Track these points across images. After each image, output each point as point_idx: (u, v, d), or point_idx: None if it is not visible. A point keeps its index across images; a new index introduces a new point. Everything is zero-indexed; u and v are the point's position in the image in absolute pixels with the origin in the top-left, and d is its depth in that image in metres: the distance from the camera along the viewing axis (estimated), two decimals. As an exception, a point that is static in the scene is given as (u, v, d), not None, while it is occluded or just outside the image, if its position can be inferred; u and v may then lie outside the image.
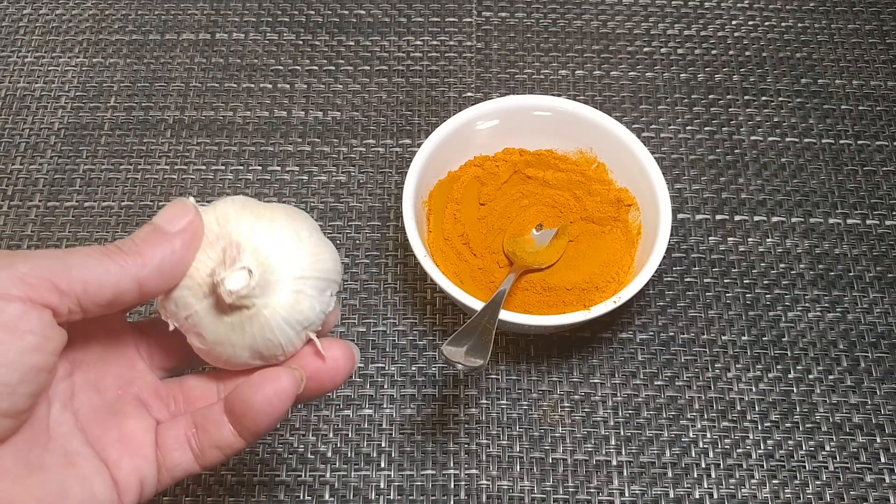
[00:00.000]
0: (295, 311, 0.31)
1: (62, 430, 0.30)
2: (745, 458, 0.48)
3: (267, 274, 0.30)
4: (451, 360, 0.40)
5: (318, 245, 0.32)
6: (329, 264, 0.32)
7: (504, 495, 0.47)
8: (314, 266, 0.32)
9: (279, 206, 0.33)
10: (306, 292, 0.31)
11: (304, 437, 0.49)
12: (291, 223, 0.32)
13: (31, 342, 0.27)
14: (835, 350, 0.51)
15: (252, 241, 0.31)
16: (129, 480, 0.31)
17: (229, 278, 0.30)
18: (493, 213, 0.53)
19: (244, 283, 0.30)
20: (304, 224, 0.33)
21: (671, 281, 0.54)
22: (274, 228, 0.31)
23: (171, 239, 0.30)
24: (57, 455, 0.29)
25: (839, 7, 0.66)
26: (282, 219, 0.32)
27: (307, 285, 0.31)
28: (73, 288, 0.28)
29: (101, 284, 0.28)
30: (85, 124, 0.59)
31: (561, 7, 0.65)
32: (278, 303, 0.31)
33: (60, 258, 0.28)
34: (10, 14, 0.65)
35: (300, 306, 0.31)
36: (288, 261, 0.31)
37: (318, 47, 0.63)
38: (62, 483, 0.29)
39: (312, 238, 0.32)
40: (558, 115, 0.53)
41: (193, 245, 0.30)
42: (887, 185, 0.57)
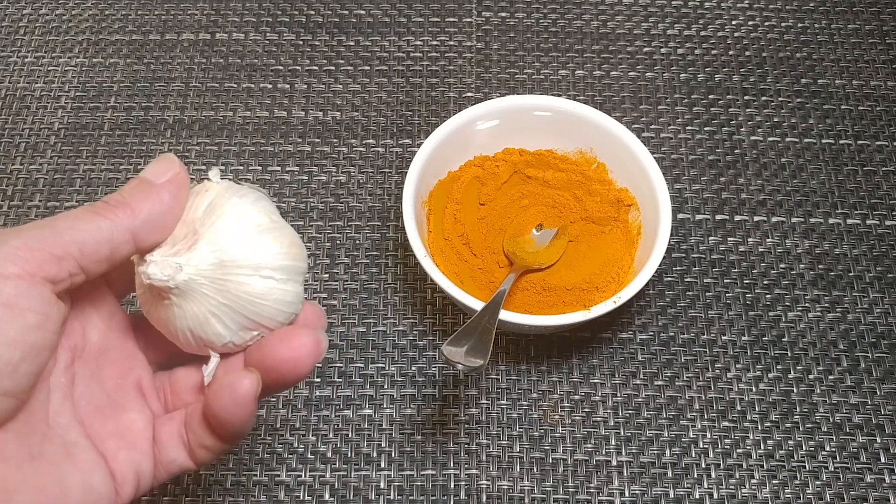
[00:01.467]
0: (235, 304, 0.31)
1: (61, 420, 0.30)
2: (745, 458, 0.48)
3: (210, 265, 0.30)
4: (451, 360, 0.40)
5: (276, 236, 0.32)
6: (290, 254, 0.32)
7: (504, 495, 0.47)
8: (271, 258, 0.31)
9: (248, 193, 0.32)
10: (248, 283, 0.31)
11: (304, 437, 0.49)
12: (256, 214, 0.32)
13: (31, 320, 0.27)
14: (835, 350, 0.51)
15: (212, 232, 0.31)
16: (126, 473, 0.31)
17: (151, 266, 0.29)
18: (493, 213, 0.53)
19: (163, 275, 0.29)
20: (267, 214, 0.32)
21: (671, 281, 0.54)
22: (237, 221, 0.31)
23: (158, 190, 0.30)
24: (56, 445, 0.29)
25: (839, 7, 0.66)
26: (248, 208, 0.32)
27: (250, 275, 0.31)
28: (68, 251, 0.28)
29: (96, 241, 0.28)
30: (85, 124, 0.59)
31: (561, 7, 0.65)
32: (201, 300, 0.31)
33: (49, 226, 0.28)
34: (10, 14, 0.65)
35: (238, 300, 0.31)
36: (243, 252, 0.31)
37: (318, 47, 0.63)
38: (61, 473, 0.29)
39: (272, 231, 0.32)
40: (558, 115, 0.53)
41: (181, 195, 0.30)
42: (887, 185, 0.57)
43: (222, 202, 0.31)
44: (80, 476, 0.29)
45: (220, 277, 0.30)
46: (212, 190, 0.32)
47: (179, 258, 0.30)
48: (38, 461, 0.28)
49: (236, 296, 0.31)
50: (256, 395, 0.30)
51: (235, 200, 0.31)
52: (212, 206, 0.31)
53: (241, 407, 0.30)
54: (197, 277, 0.30)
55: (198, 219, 0.31)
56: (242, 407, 0.30)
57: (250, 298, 0.31)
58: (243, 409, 0.30)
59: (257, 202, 0.32)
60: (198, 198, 0.31)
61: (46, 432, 0.29)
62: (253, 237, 0.31)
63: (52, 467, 0.28)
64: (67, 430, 0.30)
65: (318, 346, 0.31)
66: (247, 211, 0.31)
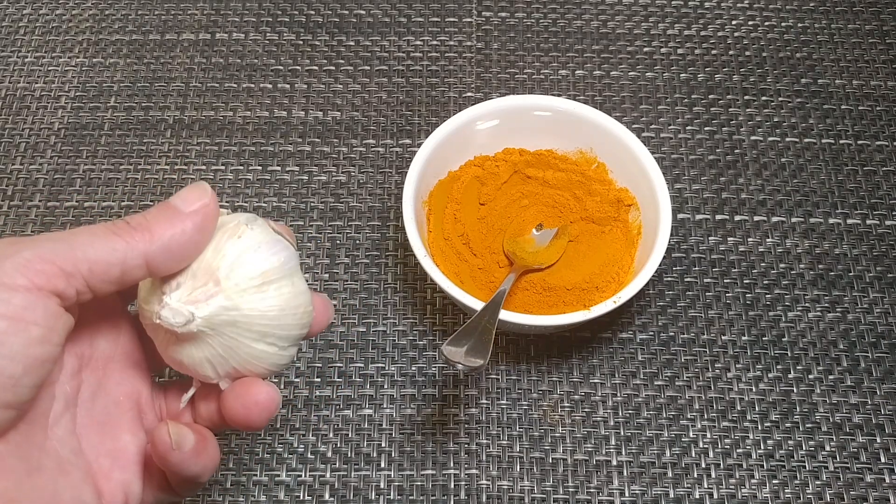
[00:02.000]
0: (230, 356, 0.31)
1: (58, 431, 0.30)
2: (745, 458, 0.48)
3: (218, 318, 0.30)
4: (452, 360, 0.40)
5: (292, 299, 0.32)
6: (291, 321, 0.32)
7: (504, 495, 0.47)
8: (275, 320, 0.31)
9: (280, 251, 0.32)
10: (247, 344, 0.31)
11: (304, 437, 0.49)
12: (282, 279, 0.31)
13: (35, 334, 0.26)
14: (835, 350, 0.51)
15: (231, 280, 0.30)
16: (116, 493, 0.31)
17: (165, 309, 0.29)
18: (493, 213, 0.53)
19: (174, 321, 0.29)
20: (292, 279, 0.32)
21: (671, 281, 0.54)
22: (261, 283, 0.31)
23: (183, 219, 0.29)
24: (51, 459, 0.29)
25: (839, 7, 0.66)
26: (276, 272, 0.31)
27: (252, 337, 0.31)
28: (78, 269, 0.27)
29: (108, 263, 0.28)
30: (85, 124, 0.59)
31: (561, 7, 0.65)
32: (211, 347, 0.31)
33: (65, 240, 0.28)
34: (10, 14, 0.65)
35: (238, 353, 0.31)
36: (258, 318, 0.31)
37: (318, 47, 0.63)
38: (56, 487, 0.28)
39: (293, 299, 0.32)
40: (558, 115, 0.53)
41: (206, 228, 0.30)
42: (887, 185, 0.57)
43: (252, 258, 0.31)
44: (73, 493, 0.29)
45: (229, 335, 0.30)
46: (245, 238, 0.31)
47: (195, 308, 0.29)
48: (36, 475, 0.28)
49: (236, 353, 0.31)
50: (171, 446, 0.30)
51: (265, 258, 0.31)
52: (240, 260, 0.30)
53: (161, 457, 0.30)
54: (206, 330, 0.30)
55: (222, 267, 0.30)
56: (162, 457, 0.30)
57: (248, 358, 0.31)
58: (164, 460, 0.30)
59: (287, 263, 0.32)
60: (227, 241, 0.31)
61: (44, 443, 0.29)
62: (272, 303, 0.31)
63: (48, 481, 0.28)
64: (62, 443, 0.30)
65: (271, 403, 0.31)
66: (274, 275, 0.31)
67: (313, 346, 0.51)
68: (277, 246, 0.31)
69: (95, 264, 0.28)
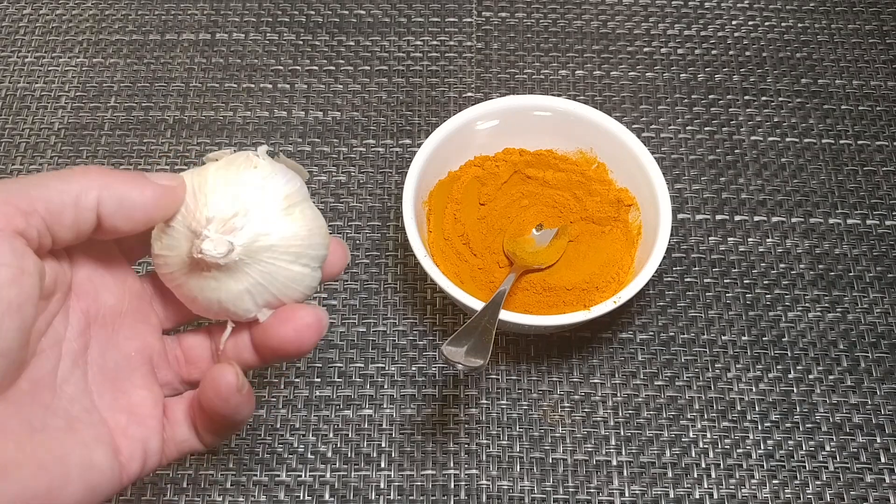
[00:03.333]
0: (270, 281, 0.32)
1: (68, 390, 0.29)
2: (745, 458, 0.48)
3: (255, 243, 0.31)
4: (452, 360, 0.40)
5: (313, 220, 0.33)
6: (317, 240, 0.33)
7: (504, 495, 0.47)
8: (305, 241, 0.32)
9: (293, 178, 0.33)
10: (286, 266, 0.32)
11: (304, 437, 0.49)
12: (302, 201, 0.33)
13: (5, 274, 0.26)
14: (835, 350, 0.51)
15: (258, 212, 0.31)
16: (134, 449, 0.30)
17: (206, 242, 0.30)
18: (493, 213, 0.53)
19: (217, 252, 0.30)
20: (310, 202, 0.33)
21: (671, 281, 0.54)
22: (286, 206, 0.32)
23: (146, 184, 0.30)
24: (59, 418, 0.28)
25: (839, 7, 0.66)
26: (295, 194, 0.32)
27: (290, 258, 0.32)
28: (35, 207, 0.27)
29: (63, 203, 0.28)
30: (85, 124, 0.59)
31: (561, 7, 0.65)
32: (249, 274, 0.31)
33: (19, 182, 0.27)
34: (10, 14, 0.65)
35: (276, 277, 0.32)
36: (289, 239, 0.32)
37: (318, 47, 0.63)
38: (63, 449, 0.28)
39: (313, 220, 0.33)
40: (558, 115, 0.53)
41: (164, 205, 0.30)
42: (887, 185, 0.57)
43: (273, 184, 0.32)
44: (81, 452, 0.28)
45: (266, 260, 0.31)
46: (261, 168, 0.32)
47: (233, 237, 0.30)
48: (40, 436, 0.27)
49: (275, 279, 0.31)
50: (237, 387, 0.30)
51: (285, 182, 0.32)
52: (264, 187, 0.31)
53: (224, 400, 0.30)
54: (245, 258, 0.30)
55: (247, 195, 0.31)
56: (226, 400, 0.30)
57: (286, 283, 0.32)
58: (227, 402, 0.30)
59: (303, 187, 0.33)
60: (245, 171, 0.32)
61: (50, 403, 0.28)
62: (300, 223, 0.32)
63: (53, 443, 0.28)
64: (73, 402, 0.29)
65: (320, 323, 0.32)
66: (296, 198, 0.32)
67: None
68: (289, 173, 0.33)
69: (50, 203, 0.27)
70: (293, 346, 0.32)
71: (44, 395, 0.28)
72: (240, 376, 0.30)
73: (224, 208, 0.31)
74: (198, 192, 0.31)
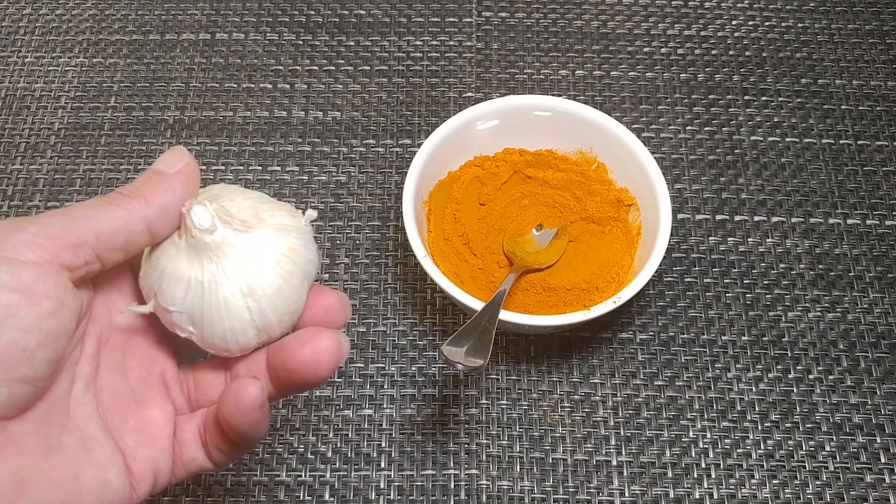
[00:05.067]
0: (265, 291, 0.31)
1: (82, 412, 0.30)
2: (745, 458, 0.48)
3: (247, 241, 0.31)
4: (452, 360, 0.40)
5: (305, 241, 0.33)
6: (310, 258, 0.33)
7: (504, 495, 0.47)
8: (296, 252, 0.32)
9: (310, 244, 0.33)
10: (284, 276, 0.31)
11: (304, 437, 0.49)
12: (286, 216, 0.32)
13: (47, 307, 0.27)
14: (835, 350, 0.51)
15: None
16: (144, 470, 0.30)
17: (195, 210, 0.30)
18: (493, 213, 0.53)
19: (209, 221, 0.30)
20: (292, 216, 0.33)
21: (671, 281, 0.54)
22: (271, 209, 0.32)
23: (170, 180, 0.30)
24: (74, 438, 0.29)
25: (839, 7, 0.66)
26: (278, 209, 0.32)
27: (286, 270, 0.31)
28: (85, 239, 0.28)
29: (112, 230, 0.29)
30: (85, 124, 0.59)
31: (561, 7, 0.65)
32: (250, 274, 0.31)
33: (66, 215, 0.28)
34: (10, 14, 0.65)
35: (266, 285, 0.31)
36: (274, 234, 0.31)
37: (318, 47, 0.63)
38: (78, 467, 0.28)
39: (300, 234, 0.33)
40: (558, 115, 0.53)
41: (191, 185, 0.31)
42: (887, 185, 0.57)
43: (294, 236, 0.32)
44: (96, 471, 0.29)
45: (224, 273, 0.30)
46: (297, 218, 0.32)
47: (221, 224, 0.30)
48: (56, 455, 0.28)
49: (213, 293, 0.30)
50: (260, 403, 0.30)
51: (300, 245, 0.32)
52: (285, 228, 0.32)
53: (244, 414, 0.30)
54: (212, 251, 0.30)
55: (264, 227, 0.31)
56: (246, 414, 0.30)
57: (216, 307, 0.31)
58: (247, 417, 0.30)
59: (311, 267, 0.32)
60: (281, 209, 0.32)
61: (65, 424, 0.29)
62: (272, 279, 0.31)
63: (68, 461, 0.28)
64: (87, 423, 0.30)
65: (340, 348, 0.31)
66: (297, 262, 0.32)
67: (313, 346, 0.51)
68: (314, 251, 0.33)
69: (100, 233, 0.28)
70: (310, 371, 0.31)
71: (59, 415, 0.29)
72: (263, 391, 0.30)
73: (238, 211, 0.31)
74: (226, 192, 0.32)
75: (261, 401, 0.30)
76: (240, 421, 0.30)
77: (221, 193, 0.32)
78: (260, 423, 0.30)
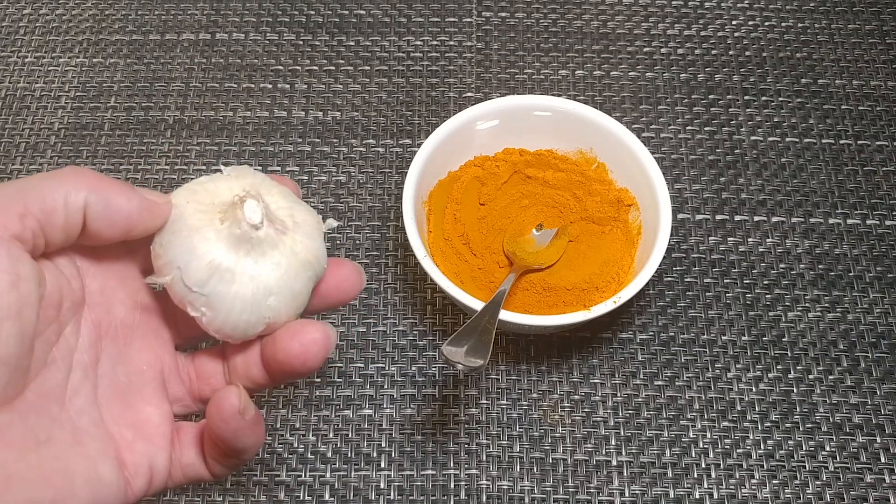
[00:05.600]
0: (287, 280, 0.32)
1: (77, 402, 0.29)
2: (745, 458, 0.48)
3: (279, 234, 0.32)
4: (452, 360, 0.40)
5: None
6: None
7: (504, 495, 0.47)
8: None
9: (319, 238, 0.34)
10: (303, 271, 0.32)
11: (304, 437, 0.49)
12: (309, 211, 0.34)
13: (3, 280, 0.26)
14: (835, 350, 0.51)
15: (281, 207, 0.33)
16: (140, 465, 0.30)
17: (249, 204, 0.31)
18: (493, 213, 0.53)
19: (259, 217, 0.31)
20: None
21: (671, 281, 0.54)
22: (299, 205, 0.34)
23: (134, 193, 0.30)
24: (65, 430, 0.28)
25: (839, 7, 0.66)
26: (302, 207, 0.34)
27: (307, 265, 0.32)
28: (30, 209, 0.27)
29: (55, 203, 0.28)
30: (85, 124, 0.59)
31: (561, 7, 0.65)
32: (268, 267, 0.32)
33: (13, 185, 0.28)
34: (10, 14, 0.65)
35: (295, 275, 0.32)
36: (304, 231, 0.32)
37: (318, 47, 0.63)
38: (68, 461, 0.28)
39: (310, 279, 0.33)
40: (558, 115, 0.53)
41: (147, 214, 0.30)
42: (887, 185, 0.57)
43: (312, 240, 0.33)
44: (87, 465, 0.28)
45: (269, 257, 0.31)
46: (320, 225, 0.34)
47: (265, 225, 0.31)
48: (45, 448, 0.27)
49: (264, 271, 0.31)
50: (238, 409, 0.30)
51: (311, 240, 0.33)
52: (311, 234, 0.33)
53: (225, 421, 0.30)
54: (271, 238, 0.31)
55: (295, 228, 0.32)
56: (226, 421, 0.30)
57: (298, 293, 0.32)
58: (228, 424, 0.30)
59: (311, 273, 0.33)
60: (309, 214, 0.33)
61: (58, 415, 0.28)
62: (282, 271, 0.32)
63: (58, 455, 0.28)
64: (81, 414, 0.29)
65: (328, 339, 0.32)
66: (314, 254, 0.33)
67: (313, 346, 0.51)
68: (323, 254, 0.34)
69: (44, 203, 0.27)
70: (299, 361, 0.31)
71: (51, 406, 0.28)
72: (242, 398, 0.30)
73: (277, 209, 0.32)
74: (265, 185, 0.33)
75: (239, 407, 0.30)
76: (222, 428, 0.30)
77: (262, 185, 0.33)
78: (243, 431, 0.30)
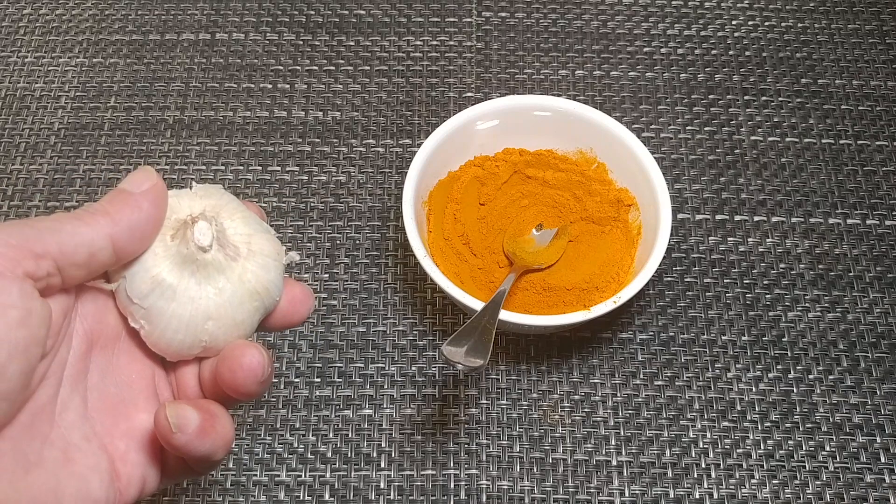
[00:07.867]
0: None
1: (67, 417, 0.29)
2: (745, 458, 0.48)
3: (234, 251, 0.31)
4: (452, 360, 0.40)
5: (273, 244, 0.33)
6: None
7: (504, 495, 0.47)
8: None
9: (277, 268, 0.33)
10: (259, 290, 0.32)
11: (304, 437, 0.49)
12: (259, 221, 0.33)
13: (13, 316, 0.26)
14: (835, 350, 0.51)
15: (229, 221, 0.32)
16: (133, 475, 0.30)
17: (200, 225, 0.30)
18: (493, 213, 0.53)
19: (208, 240, 0.30)
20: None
21: (671, 281, 0.54)
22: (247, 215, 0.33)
23: (137, 199, 0.30)
24: (56, 449, 0.28)
25: (839, 7, 0.66)
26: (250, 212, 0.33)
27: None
28: (48, 250, 0.27)
29: (76, 244, 0.28)
30: (85, 124, 0.59)
31: (561, 7, 0.65)
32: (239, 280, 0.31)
33: (30, 225, 0.28)
34: (10, 14, 0.65)
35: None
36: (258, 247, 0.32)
37: (318, 47, 0.63)
38: (58, 481, 0.28)
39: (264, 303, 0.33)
40: (558, 115, 0.53)
41: (159, 205, 0.30)
42: (887, 185, 0.57)
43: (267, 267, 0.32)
44: (77, 483, 0.28)
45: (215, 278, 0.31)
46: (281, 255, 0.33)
47: (214, 248, 0.31)
48: (35, 471, 0.27)
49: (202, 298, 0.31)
50: (168, 431, 0.29)
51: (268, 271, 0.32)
52: (266, 266, 0.32)
53: (165, 441, 0.29)
54: (216, 262, 0.31)
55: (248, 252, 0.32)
56: (167, 442, 0.29)
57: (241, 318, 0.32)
58: (168, 444, 0.29)
59: (264, 301, 0.33)
60: (264, 240, 0.32)
61: (48, 434, 0.28)
62: (228, 293, 0.31)
63: (48, 476, 0.28)
64: (72, 429, 0.29)
65: (261, 364, 0.31)
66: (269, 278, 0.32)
67: (313, 346, 0.51)
68: (281, 282, 0.33)
69: (63, 245, 0.28)
70: (230, 387, 0.31)
71: (43, 426, 0.28)
72: (174, 418, 0.29)
73: (234, 235, 0.31)
74: (229, 208, 0.32)
75: (166, 430, 0.29)
76: (175, 448, 0.30)
77: (224, 208, 0.32)
78: (186, 446, 0.29)
